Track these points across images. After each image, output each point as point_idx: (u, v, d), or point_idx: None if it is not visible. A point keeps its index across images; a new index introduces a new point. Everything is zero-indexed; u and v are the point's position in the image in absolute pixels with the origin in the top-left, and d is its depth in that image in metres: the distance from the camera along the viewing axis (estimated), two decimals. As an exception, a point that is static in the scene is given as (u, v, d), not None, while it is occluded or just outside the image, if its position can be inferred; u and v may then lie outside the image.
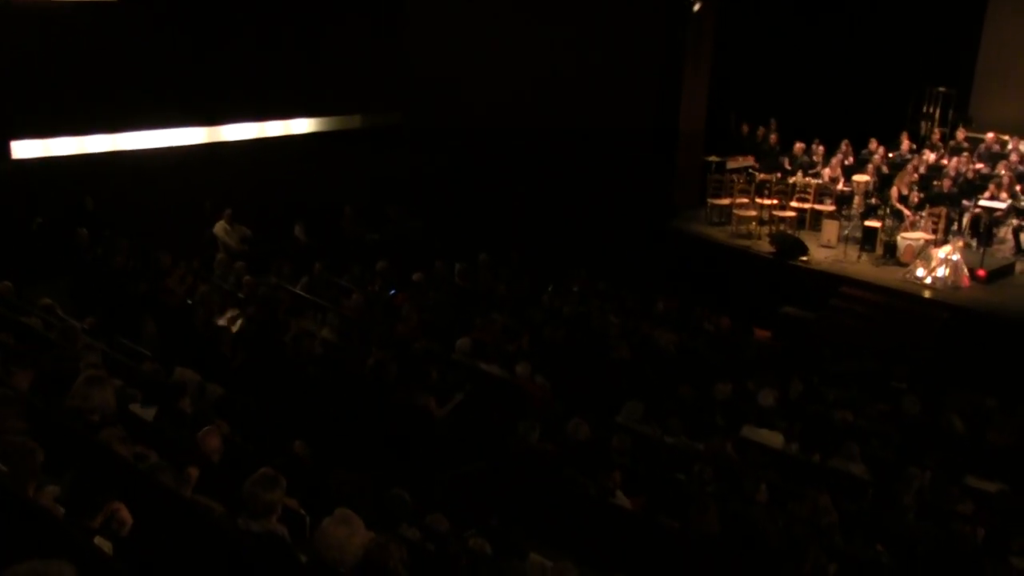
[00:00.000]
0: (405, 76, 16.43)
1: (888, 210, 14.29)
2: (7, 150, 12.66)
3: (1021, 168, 15.25)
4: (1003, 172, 14.54)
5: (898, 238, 13.75)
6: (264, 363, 8.46)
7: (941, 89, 17.38)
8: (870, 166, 15.48)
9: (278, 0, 14.90)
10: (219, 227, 13.64)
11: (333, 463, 6.53)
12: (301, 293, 11.56)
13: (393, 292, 11.92)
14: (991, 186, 14.06)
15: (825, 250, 14.19)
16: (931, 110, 17.61)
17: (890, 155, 16.06)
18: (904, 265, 13.35)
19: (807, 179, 15.52)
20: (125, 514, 4.09)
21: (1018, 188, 14.40)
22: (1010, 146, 16.20)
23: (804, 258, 13.84)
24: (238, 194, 13.98)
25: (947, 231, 13.92)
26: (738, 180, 15.63)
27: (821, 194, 15.28)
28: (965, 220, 14.37)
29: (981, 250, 13.44)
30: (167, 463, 5.11)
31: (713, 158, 16.21)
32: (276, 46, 14.78)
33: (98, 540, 3.97)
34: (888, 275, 13.27)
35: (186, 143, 14.24)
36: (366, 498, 5.26)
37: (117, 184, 13.19)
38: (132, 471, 4.83)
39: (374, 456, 7.34)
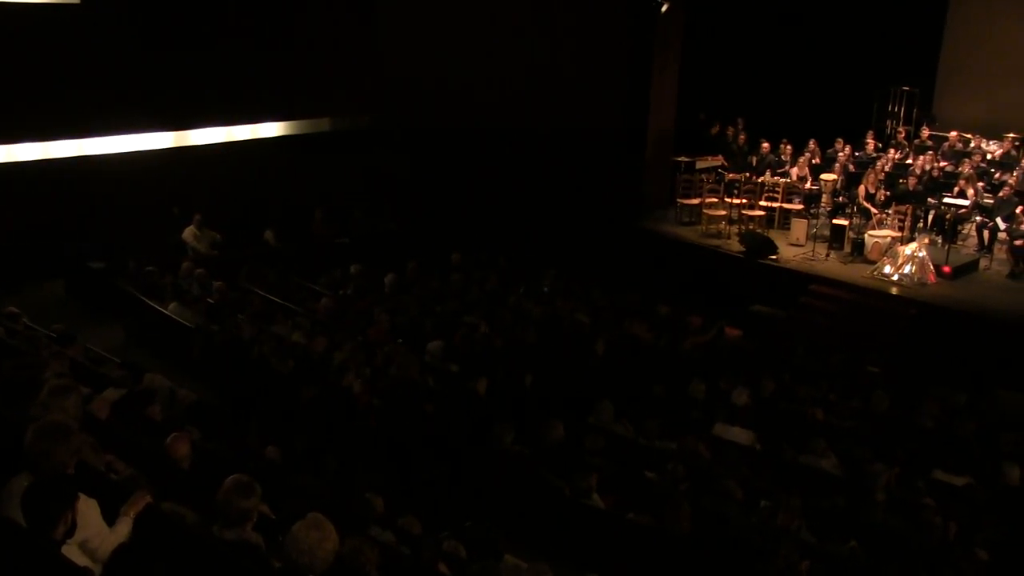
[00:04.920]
0: (375, 79, 16.38)
1: (855, 208, 14.46)
2: (-29, 156, 12.49)
3: (984, 166, 15.49)
4: (967, 170, 14.76)
5: (866, 236, 13.91)
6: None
7: (905, 88, 17.61)
8: (837, 165, 15.65)
9: (246, 2, 14.80)
10: (188, 232, 13.52)
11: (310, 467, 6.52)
12: (272, 298, 11.50)
13: None
14: (961, 182, 14.26)
15: (794, 248, 14.31)
16: (896, 109, 17.84)
17: (856, 154, 16.25)
18: (872, 262, 13.50)
19: (775, 178, 15.66)
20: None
21: (981, 185, 14.63)
22: (973, 144, 16.45)
23: (773, 257, 13.95)
24: (207, 199, 13.87)
25: (913, 228, 14.10)
26: (707, 180, 15.74)
27: (789, 193, 15.42)
28: (930, 217, 14.58)
29: (946, 247, 13.62)
30: (137, 471, 5.07)
31: (682, 158, 16.32)
32: (244, 49, 14.68)
33: (66, 550, 3.93)
34: (856, 272, 13.41)
35: (153, 148, 14.09)
36: (324, 502, 5.22)
37: (83, 190, 13.04)
38: (102, 480, 4.78)
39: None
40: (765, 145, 16.27)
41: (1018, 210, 13.68)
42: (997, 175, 15.21)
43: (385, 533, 5.67)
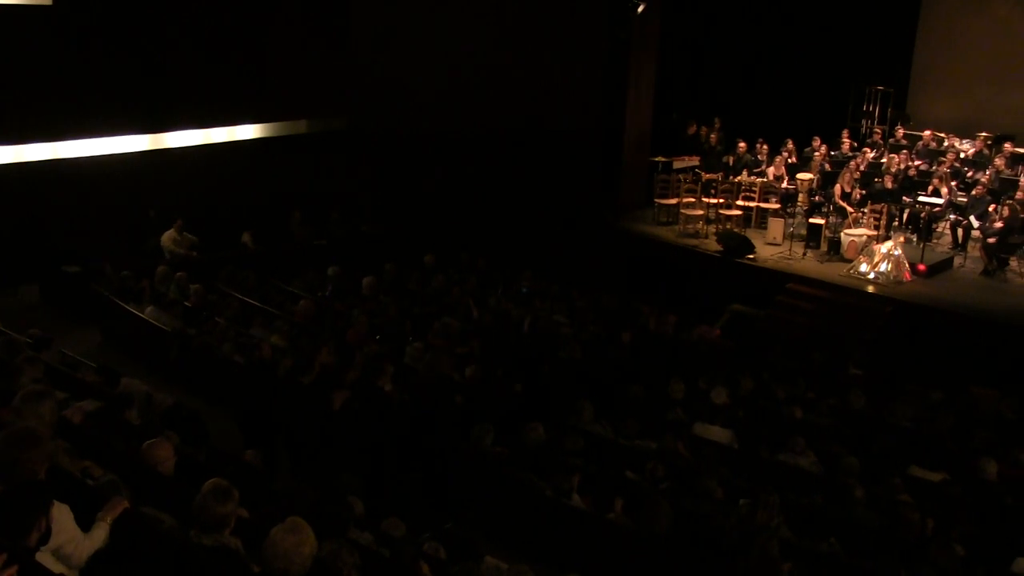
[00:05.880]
0: (350, 80, 16.33)
1: (832, 207, 14.56)
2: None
3: (957, 165, 15.64)
4: (943, 169, 14.89)
5: (842, 234, 14.01)
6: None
7: (879, 88, 17.75)
8: (813, 164, 15.75)
9: (222, 5, 14.71)
10: (167, 237, 13.43)
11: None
12: (250, 300, 11.44)
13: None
14: (935, 181, 14.39)
15: (771, 247, 14.40)
16: (871, 108, 17.97)
17: (832, 153, 16.37)
18: (848, 261, 13.61)
19: (752, 178, 15.74)
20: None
21: (954, 184, 14.76)
22: (946, 143, 16.60)
23: (751, 256, 14.02)
24: (184, 202, 13.78)
25: (888, 227, 14.22)
26: (684, 180, 15.80)
27: (766, 192, 15.51)
28: (905, 216, 14.70)
29: (921, 245, 13.75)
30: (115, 477, 5.02)
31: (660, 158, 16.37)
32: (221, 51, 14.59)
33: (40, 557, 3.89)
34: (833, 271, 13.51)
35: (129, 150, 13.96)
36: (303, 505, 5.19)
37: (58, 193, 12.91)
38: (77, 485, 4.74)
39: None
40: (742, 145, 16.35)
41: (991, 208, 13.83)
42: (970, 174, 15.36)
43: (365, 535, 5.65)
